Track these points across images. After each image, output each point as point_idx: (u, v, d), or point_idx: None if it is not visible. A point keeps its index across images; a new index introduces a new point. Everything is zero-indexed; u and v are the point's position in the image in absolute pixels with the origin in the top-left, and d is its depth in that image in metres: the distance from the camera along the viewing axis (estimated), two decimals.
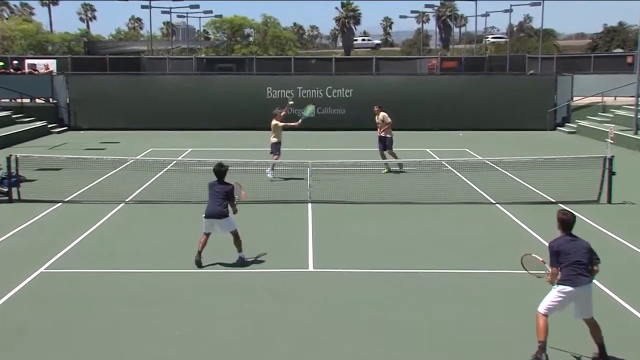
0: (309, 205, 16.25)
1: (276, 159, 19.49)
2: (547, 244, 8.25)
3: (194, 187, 16.74)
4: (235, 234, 11.67)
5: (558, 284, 7.92)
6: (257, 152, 21.74)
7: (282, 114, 19.63)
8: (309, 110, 20.03)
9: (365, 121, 20.31)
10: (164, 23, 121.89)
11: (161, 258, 12.18)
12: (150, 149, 25.88)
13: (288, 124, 19.56)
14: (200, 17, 77.72)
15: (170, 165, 20.73)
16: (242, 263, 11.66)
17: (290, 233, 14.01)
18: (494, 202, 16.74)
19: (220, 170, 11.76)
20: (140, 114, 32.89)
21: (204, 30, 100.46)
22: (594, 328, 8.00)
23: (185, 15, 73.03)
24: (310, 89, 33.71)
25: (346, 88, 33.79)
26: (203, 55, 66.87)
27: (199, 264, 11.52)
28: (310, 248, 12.85)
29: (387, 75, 40.22)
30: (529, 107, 33.24)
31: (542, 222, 14.48)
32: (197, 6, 63.95)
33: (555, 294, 7.95)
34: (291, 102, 20.66)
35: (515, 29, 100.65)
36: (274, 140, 19.52)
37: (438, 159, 22.91)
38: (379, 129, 20.94)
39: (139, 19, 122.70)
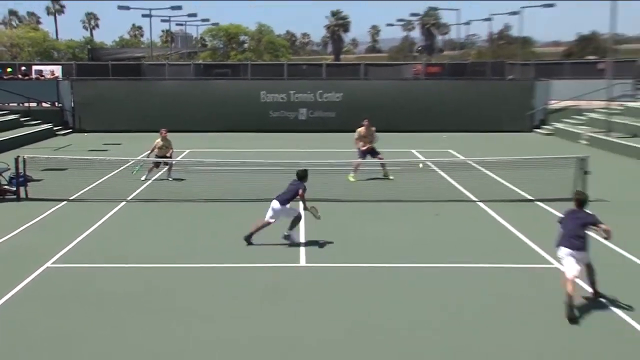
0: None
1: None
2: (524, 240, 8.29)
3: (191, 186, 16.73)
4: (298, 217, 12.74)
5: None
6: (252, 154, 21.69)
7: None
8: (136, 169, 19.63)
9: (355, 123, 20.27)
10: (163, 31, 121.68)
11: (168, 253, 12.13)
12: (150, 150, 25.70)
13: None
14: (197, 25, 78.11)
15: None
16: (291, 240, 12.55)
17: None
18: (476, 199, 16.78)
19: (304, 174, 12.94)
20: (141, 116, 32.62)
21: (201, 37, 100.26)
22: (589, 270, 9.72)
23: (183, 23, 73.25)
24: (302, 92, 33.77)
25: (336, 92, 33.81)
26: (201, 61, 66.70)
27: (248, 240, 12.43)
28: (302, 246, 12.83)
29: (375, 80, 40.22)
30: (509, 110, 33.32)
31: (521, 219, 14.55)
32: (195, 15, 64.16)
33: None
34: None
35: (495, 36, 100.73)
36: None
37: (423, 159, 22.92)
38: (365, 143, 19.36)
39: (140, 27, 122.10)
